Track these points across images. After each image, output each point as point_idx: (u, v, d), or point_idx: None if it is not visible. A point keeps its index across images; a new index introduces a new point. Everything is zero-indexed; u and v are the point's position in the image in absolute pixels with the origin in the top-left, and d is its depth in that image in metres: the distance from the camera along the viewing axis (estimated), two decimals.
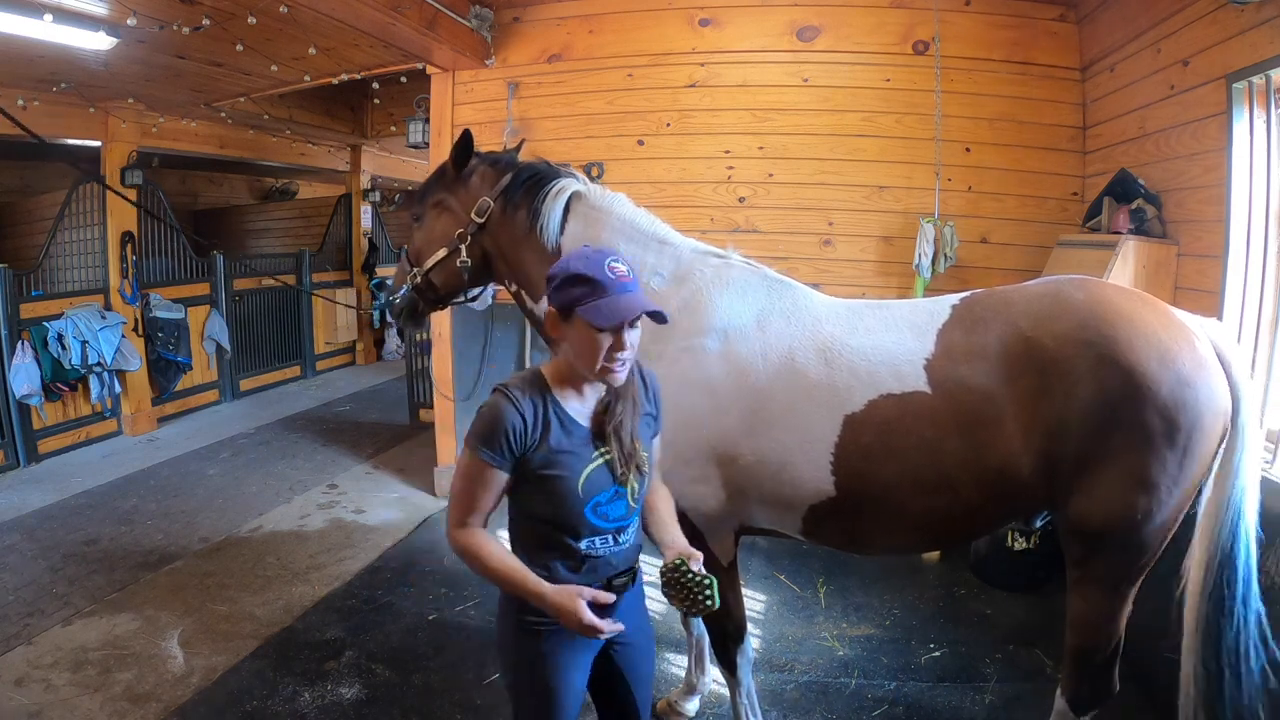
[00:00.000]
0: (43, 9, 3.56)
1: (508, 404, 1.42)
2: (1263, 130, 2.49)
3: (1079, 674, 1.94)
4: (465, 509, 1.45)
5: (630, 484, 1.49)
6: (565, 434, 1.45)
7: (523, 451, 1.42)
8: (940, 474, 1.82)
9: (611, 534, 1.50)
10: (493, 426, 1.41)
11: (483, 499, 1.44)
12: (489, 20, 4.11)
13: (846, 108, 3.82)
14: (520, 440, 1.41)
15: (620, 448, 1.47)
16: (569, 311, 1.40)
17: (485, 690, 2.73)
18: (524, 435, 1.41)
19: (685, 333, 2.02)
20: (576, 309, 1.38)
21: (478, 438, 1.42)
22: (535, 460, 1.43)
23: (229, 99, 5.87)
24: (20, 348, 5.09)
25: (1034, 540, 3.35)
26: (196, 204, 10.10)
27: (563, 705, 1.52)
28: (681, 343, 2.02)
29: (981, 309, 1.90)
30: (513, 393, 1.43)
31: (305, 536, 4.10)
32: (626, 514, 1.51)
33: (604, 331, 1.37)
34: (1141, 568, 1.84)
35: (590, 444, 1.47)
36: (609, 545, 1.51)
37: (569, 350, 1.44)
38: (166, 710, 2.58)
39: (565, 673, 1.52)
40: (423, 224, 2.40)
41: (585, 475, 1.45)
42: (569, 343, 1.43)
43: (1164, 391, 1.68)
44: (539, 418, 1.43)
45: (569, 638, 1.47)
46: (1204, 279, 2.72)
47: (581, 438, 1.47)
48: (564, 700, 1.52)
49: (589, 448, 1.47)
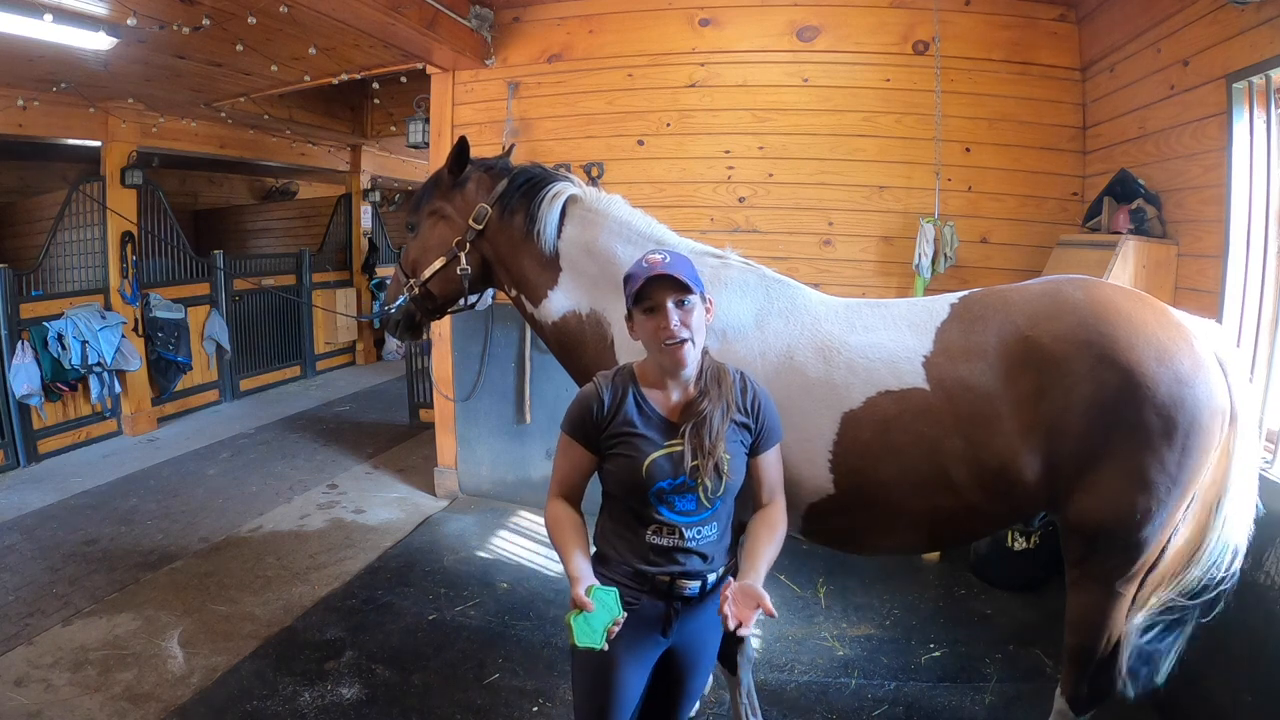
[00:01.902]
0: (43, 9, 3.56)
1: (592, 387, 1.60)
2: (1263, 130, 2.49)
3: (1079, 673, 1.94)
4: (555, 480, 1.62)
5: (703, 480, 1.52)
6: (642, 418, 1.56)
7: (599, 429, 1.56)
8: (939, 472, 1.82)
9: (679, 529, 1.54)
10: (578, 406, 1.59)
11: (566, 471, 1.61)
12: (489, 20, 4.11)
13: (846, 108, 3.82)
14: (597, 418, 1.56)
15: (699, 443, 1.52)
16: (629, 309, 1.57)
17: (485, 690, 2.74)
18: (600, 414, 1.56)
19: None
20: (628, 304, 1.55)
21: (566, 417, 1.60)
22: (608, 436, 1.56)
23: (229, 99, 5.87)
24: (20, 348, 5.09)
25: (1034, 540, 3.35)
26: (196, 204, 10.10)
27: (617, 700, 1.57)
28: None
29: (980, 307, 1.90)
30: (599, 379, 1.61)
31: (305, 536, 4.10)
32: (698, 511, 1.55)
33: (648, 312, 1.52)
34: (1141, 567, 1.84)
35: (663, 433, 1.55)
36: (674, 539, 1.55)
37: (643, 345, 1.58)
38: (166, 710, 2.58)
39: (624, 670, 1.56)
40: (418, 233, 2.39)
41: (651, 459, 1.52)
42: (641, 337, 1.57)
43: (1162, 391, 1.69)
44: (617, 400, 1.57)
45: (633, 636, 1.51)
46: (1204, 279, 2.72)
47: (657, 425, 1.56)
48: (618, 695, 1.57)
49: (661, 436, 1.55)
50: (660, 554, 1.55)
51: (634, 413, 1.55)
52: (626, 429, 1.54)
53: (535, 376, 4.35)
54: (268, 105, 6.23)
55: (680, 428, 1.55)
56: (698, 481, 1.52)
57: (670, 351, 1.50)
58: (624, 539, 1.58)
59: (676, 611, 1.57)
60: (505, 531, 4.17)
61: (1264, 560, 2.17)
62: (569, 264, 2.22)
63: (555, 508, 1.59)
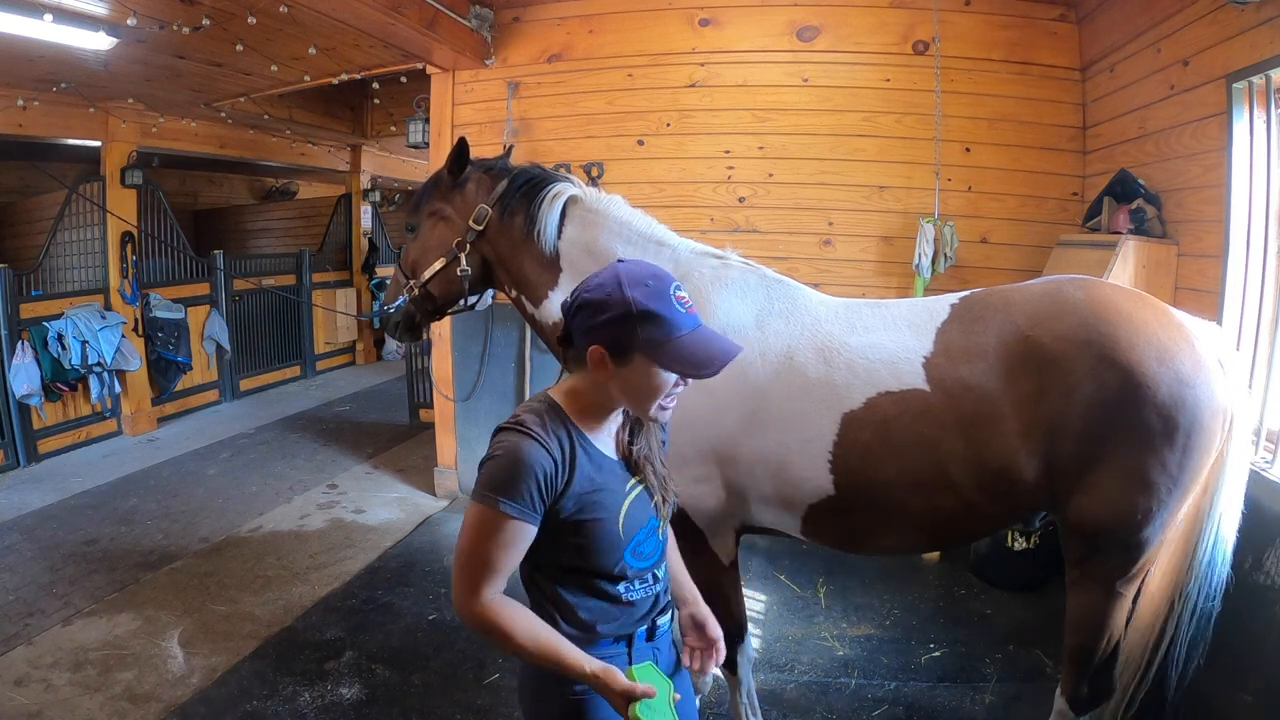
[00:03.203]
0: (43, 9, 3.56)
1: (531, 443, 1.18)
2: (1263, 130, 2.48)
3: (1079, 674, 1.94)
4: (481, 575, 1.19)
5: (664, 514, 1.34)
6: (595, 469, 1.25)
7: (553, 499, 1.20)
8: (939, 473, 1.82)
9: (650, 573, 1.33)
10: (515, 472, 1.16)
11: (504, 561, 1.20)
12: (489, 20, 4.11)
13: (846, 108, 3.82)
14: (551, 485, 1.19)
15: (655, 474, 1.32)
16: (628, 352, 1.18)
17: (485, 690, 2.74)
18: (554, 479, 1.19)
19: None
20: (648, 351, 1.17)
21: (496, 488, 1.17)
22: (567, 506, 1.21)
23: (229, 99, 5.87)
24: (20, 348, 5.09)
25: (1034, 540, 3.35)
26: (196, 204, 10.10)
27: None
28: None
29: (981, 308, 1.90)
30: (532, 429, 1.19)
31: (305, 536, 4.10)
32: (658, 548, 1.36)
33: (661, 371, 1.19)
34: (1141, 567, 1.84)
35: (621, 475, 1.30)
36: (648, 587, 1.33)
37: (617, 391, 1.23)
38: (166, 710, 2.58)
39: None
40: (418, 234, 2.39)
41: (624, 513, 1.27)
42: (617, 384, 1.21)
43: (1163, 391, 1.69)
44: (566, 455, 1.21)
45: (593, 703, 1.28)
46: (1204, 279, 2.72)
47: (611, 470, 1.28)
48: None
49: (621, 480, 1.29)
50: (640, 606, 1.33)
51: (586, 464, 1.24)
52: (588, 488, 1.23)
53: (535, 376, 4.35)
54: (268, 105, 6.23)
55: (629, 463, 1.31)
56: (660, 518, 1.34)
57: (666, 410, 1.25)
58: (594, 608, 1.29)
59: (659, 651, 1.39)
60: None
61: (1264, 560, 2.17)
62: (569, 264, 2.22)
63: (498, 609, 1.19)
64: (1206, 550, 1.86)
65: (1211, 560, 1.87)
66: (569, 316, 1.24)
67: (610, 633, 1.29)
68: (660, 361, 1.17)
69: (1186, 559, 1.88)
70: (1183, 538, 1.89)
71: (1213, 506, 1.83)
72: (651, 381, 1.20)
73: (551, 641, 1.20)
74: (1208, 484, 1.82)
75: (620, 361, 1.19)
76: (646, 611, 1.34)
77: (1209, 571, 1.87)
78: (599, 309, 1.19)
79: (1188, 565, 1.87)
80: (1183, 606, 1.89)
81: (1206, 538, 1.85)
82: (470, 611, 1.20)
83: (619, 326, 1.17)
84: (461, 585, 1.21)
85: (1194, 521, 1.86)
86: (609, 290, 1.19)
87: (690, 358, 1.17)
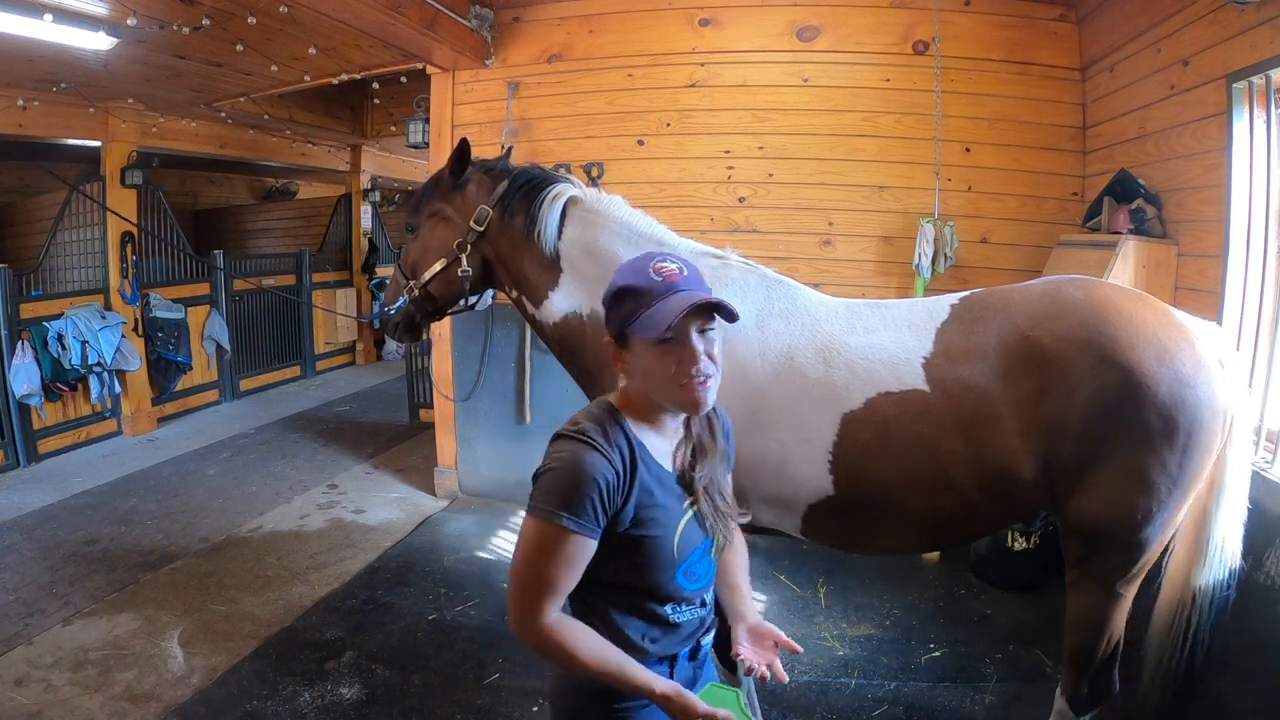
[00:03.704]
0: (43, 9, 3.56)
1: (593, 453, 1.13)
2: (1263, 130, 2.49)
3: (1079, 674, 1.94)
4: (542, 595, 1.13)
5: (718, 538, 1.28)
6: (654, 481, 1.20)
7: (614, 511, 1.14)
8: (939, 473, 1.82)
9: (700, 597, 1.29)
10: (576, 484, 1.11)
11: (565, 579, 1.14)
12: (489, 20, 4.11)
13: (846, 108, 3.82)
14: (612, 498, 1.13)
15: (711, 503, 1.26)
16: (623, 334, 1.17)
17: (485, 690, 2.74)
18: (615, 490, 1.13)
19: None
20: (628, 328, 1.15)
21: (556, 500, 1.11)
22: (625, 519, 1.16)
23: (229, 99, 5.87)
24: (20, 348, 5.09)
25: (1034, 540, 3.35)
26: (196, 204, 10.10)
27: None
28: None
29: (980, 308, 1.90)
30: (593, 438, 1.14)
31: (305, 536, 4.10)
32: (710, 571, 1.31)
33: (664, 344, 1.13)
34: (1141, 567, 1.84)
35: (678, 494, 1.24)
36: (694, 610, 1.28)
37: (638, 381, 1.20)
38: (166, 710, 2.58)
39: None
40: (419, 235, 2.39)
41: (680, 531, 1.21)
42: (634, 373, 1.20)
43: (1163, 391, 1.69)
44: (627, 465, 1.16)
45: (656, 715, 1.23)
46: (1204, 279, 2.72)
47: (669, 486, 1.23)
48: None
49: (679, 497, 1.24)
50: (686, 627, 1.28)
51: (645, 475, 1.18)
52: (647, 501, 1.18)
53: (535, 376, 4.35)
54: (268, 105, 6.23)
55: (687, 480, 1.26)
56: (714, 540, 1.28)
57: (692, 392, 1.15)
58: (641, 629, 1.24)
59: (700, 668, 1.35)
60: (505, 531, 4.17)
61: (1264, 560, 2.17)
62: (570, 265, 2.22)
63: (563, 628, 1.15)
64: (1217, 548, 1.86)
65: (1223, 557, 1.87)
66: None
67: (655, 653, 1.25)
68: (637, 332, 1.14)
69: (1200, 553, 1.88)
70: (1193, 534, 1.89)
71: (1219, 505, 1.83)
72: (650, 360, 1.16)
73: (616, 660, 1.15)
74: (1213, 483, 1.82)
75: (623, 347, 1.19)
76: (692, 632, 1.30)
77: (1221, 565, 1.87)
78: (604, 304, 1.23)
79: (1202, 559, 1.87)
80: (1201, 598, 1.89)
81: (1215, 535, 1.85)
82: (531, 633, 1.14)
83: (612, 311, 1.19)
84: (520, 606, 1.15)
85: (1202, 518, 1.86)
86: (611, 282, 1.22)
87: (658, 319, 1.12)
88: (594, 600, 1.24)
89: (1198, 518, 1.87)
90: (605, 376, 2.19)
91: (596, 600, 1.24)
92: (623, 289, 1.18)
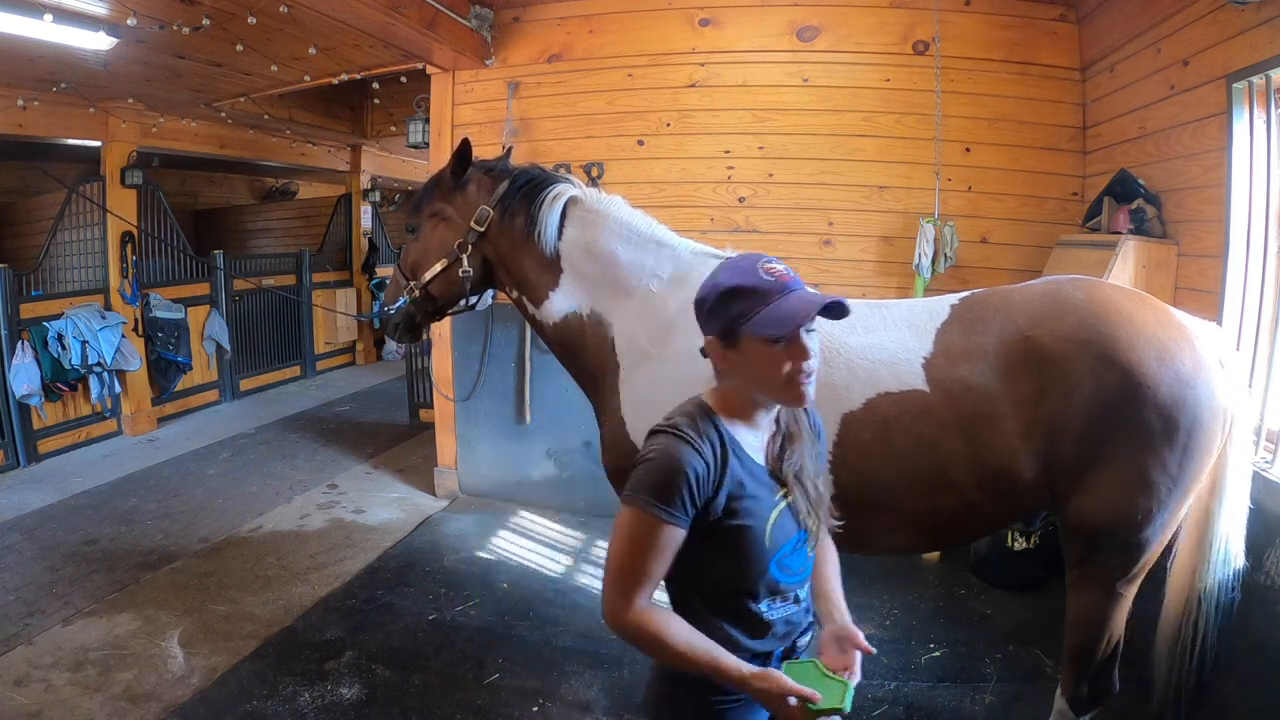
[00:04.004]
0: (43, 9, 3.56)
1: (684, 445, 1.18)
2: (1263, 130, 2.49)
3: (1079, 674, 1.94)
4: (635, 581, 1.17)
5: (814, 531, 1.31)
6: (746, 474, 1.23)
7: (705, 501, 1.18)
8: (939, 473, 1.82)
9: (793, 592, 1.30)
10: (669, 475, 1.16)
11: (657, 567, 1.18)
12: (489, 20, 4.11)
13: (846, 108, 3.82)
14: (703, 488, 1.17)
15: (804, 492, 1.29)
16: (733, 333, 1.20)
17: (485, 690, 2.74)
18: (706, 481, 1.18)
19: (685, 333, 2.02)
20: (741, 326, 1.18)
21: (649, 491, 1.16)
22: (716, 509, 1.19)
23: (229, 99, 5.87)
24: (20, 348, 5.09)
25: (1034, 540, 3.35)
26: (196, 204, 10.10)
27: None
28: (682, 344, 2.02)
29: (981, 308, 1.90)
30: (685, 431, 1.20)
31: (305, 536, 4.10)
32: (805, 566, 1.32)
33: (780, 342, 1.17)
34: (1141, 567, 1.84)
35: (770, 485, 1.27)
36: (788, 607, 1.29)
37: (744, 379, 1.24)
38: (166, 710, 2.58)
39: None
40: (419, 235, 2.39)
41: (772, 521, 1.24)
42: (741, 371, 1.23)
43: (1163, 391, 1.69)
44: (718, 456, 1.20)
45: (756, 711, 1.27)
46: (1204, 279, 2.72)
47: (762, 477, 1.26)
48: None
49: (771, 489, 1.27)
50: (779, 626, 1.29)
51: (738, 468, 1.22)
52: (739, 492, 1.21)
53: (535, 376, 4.35)
54: (268, 105, 6.23)
55: (779, 473, 1.29)
56: (809, 533, 1.30)
57: (800, 388, 1.20)
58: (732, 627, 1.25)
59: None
60: (505, 531, 4.17)
61: (1264, 560, 2.17)
62: (570, 265, 2.23)
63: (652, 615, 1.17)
64: (1220, 549, 1.86)
65: (1226, 557, 1.87)
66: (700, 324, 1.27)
67: (749, 649, 1.26)
68: (755, 330, 1.17)
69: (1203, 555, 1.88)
70: (1195, 537, 1.89)
71: (1220, 505, 1.83)
72: (763, 358, 1.19)
73: (706, 647, 1.18)
74: (1214, 483, 1.82)
75: (730, 345, 1.22)
76: (787, 632, 1.31)
77: (1225, 567, 1.87)
78: (701, 304, 1.25)
79: (1205, 562, 1.88)
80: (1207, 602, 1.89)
81: (1218, 536, 1.85)
82: (623, 621, 1.17)
83: (719, 311, 1.21)
84: (614, 594, 1.18)
85: (1204, 520, 1.86)
86: (708, 284, 1.25)
87: (777, 317, 1.17)
88: (689, 597, 1.27)
89: (1199, 519, 1.87)
90: (605, 377, 2.19)
91: (691, 597, 1.27)
92: (733, 289, 1.20)
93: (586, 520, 4.24)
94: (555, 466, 4.41)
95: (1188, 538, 1.91)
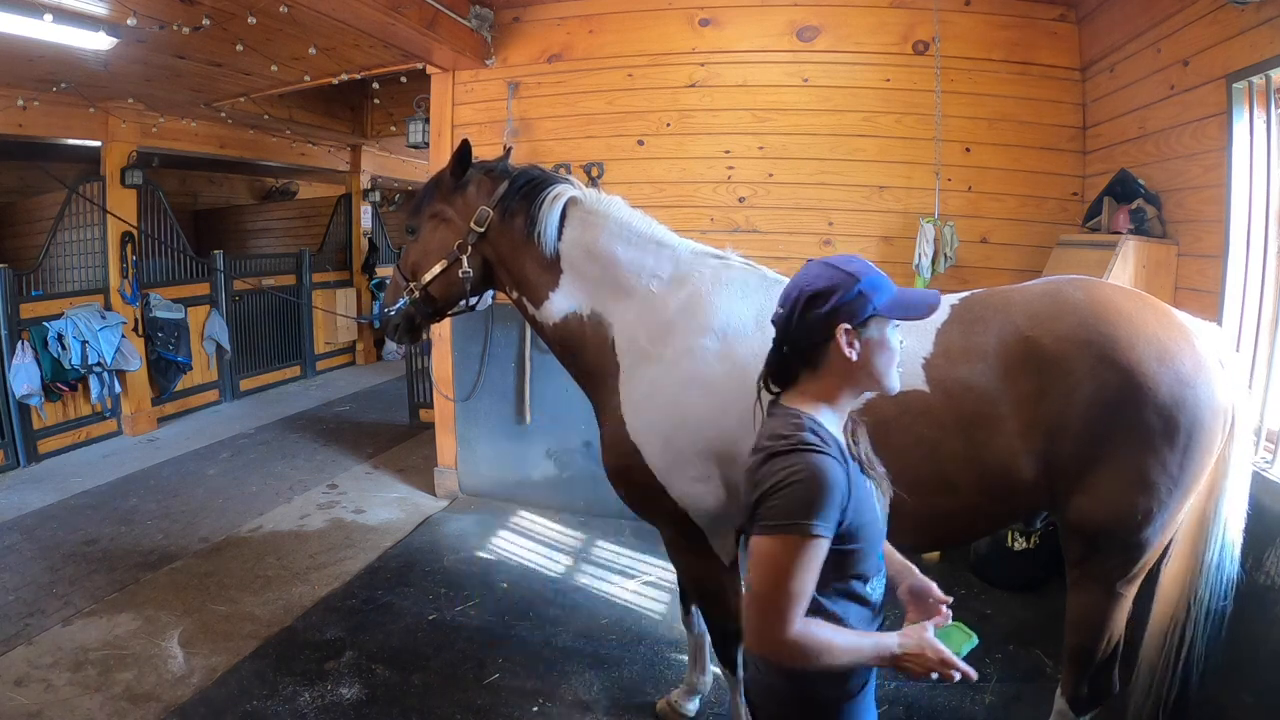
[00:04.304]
0: (43, 9, 3.56)
1: (827, 459, 1.18)
2: (1263, 130, 2.48)
3: (1079, 674, 1.95)
4: (792, 602, 1.16)
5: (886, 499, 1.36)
6: (855, 472, 1.27)
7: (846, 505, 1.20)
8: (939, 473, 1.82)
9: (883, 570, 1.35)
10: (823, 493, 1.15)
11: (811, 585, 1.18)
12: (489, 20, 4.11)
13: (846, 108, 3.82)
14: (845, 498, 1.19)
15: (876, 470, 1.35)
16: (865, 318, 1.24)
17: (485, 690, 2.74)
18: (847, 491, 1.19)
19: (685, 333, 2.03)
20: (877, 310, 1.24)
21: (806, 511, 1.14)
22: (848, 513, 1.21)
23: (229, 99, 5.87)
24: (20, 348, 5.09)
25: (1034, 540, 3.35)
26: (196, 204, 10.10)
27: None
28: (681, 344, 2.02)
29: (981, 308, 1.90)
30: (822, 446, 1.20)
31: (305, 536, 4.10)
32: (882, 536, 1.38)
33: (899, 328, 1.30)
34: (1142, 568, 1.84)
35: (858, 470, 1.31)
36: (882, 580, 1.35)
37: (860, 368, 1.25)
38: (166, 710, 2.58)
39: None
40: (419, 236, 2.39)
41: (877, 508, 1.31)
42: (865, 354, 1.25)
43: (1163, 391, 1.69)
44: (845, 462, 1.24)
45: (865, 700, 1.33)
46: (1204, 279, 2.72)
47: (856, 467, 1.29)
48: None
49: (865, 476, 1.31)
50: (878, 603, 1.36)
51: (852, 466, 1.26)
52: (860, 492, 1.25)
53: (535, 376, 4.35)
54: (268, 105, 6.24)
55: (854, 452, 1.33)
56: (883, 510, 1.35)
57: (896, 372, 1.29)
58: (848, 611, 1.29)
59: None
60: (505, 531, 4.17)
61: (1264, 560, 2.17)
62: (570, 266, 2.23)
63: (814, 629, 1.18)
64: (1215, 553, 1.86)
65: (1220, 562, 1.87)
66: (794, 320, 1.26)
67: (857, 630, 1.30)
68: (893, 313, 1.26)
69: (1196, 561, 1.88)
70: (1190, 541, 1.89)
71: (1218, 508, 1.84)
72: (889, 343, 1.27)
73: (856, 638, 1.22)
74: (1213, 485, 1.82)
75: (862, 329, 1.25)
76: (881, 607, 1.36)
77: (1219, 573, 1.87)
78: (827, 294, 1.25)
79: (1198, 568, 1.88)
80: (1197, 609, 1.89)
81: (1214, 540, 1.85)
82: (783, 641, 1.17)
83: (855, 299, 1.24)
84: (772, 619, 1.17)
85: (1200, 524, 1.87)
86: (830, 276, 1.27)
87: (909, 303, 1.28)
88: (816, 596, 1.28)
89: (1198, 519, 1.87)
90: (605, 376, 2.19)
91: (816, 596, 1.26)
92: (872, 280, 1.27)
93: (586, 520, 4.24)
94: (555, 466, 4.41)
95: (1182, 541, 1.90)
